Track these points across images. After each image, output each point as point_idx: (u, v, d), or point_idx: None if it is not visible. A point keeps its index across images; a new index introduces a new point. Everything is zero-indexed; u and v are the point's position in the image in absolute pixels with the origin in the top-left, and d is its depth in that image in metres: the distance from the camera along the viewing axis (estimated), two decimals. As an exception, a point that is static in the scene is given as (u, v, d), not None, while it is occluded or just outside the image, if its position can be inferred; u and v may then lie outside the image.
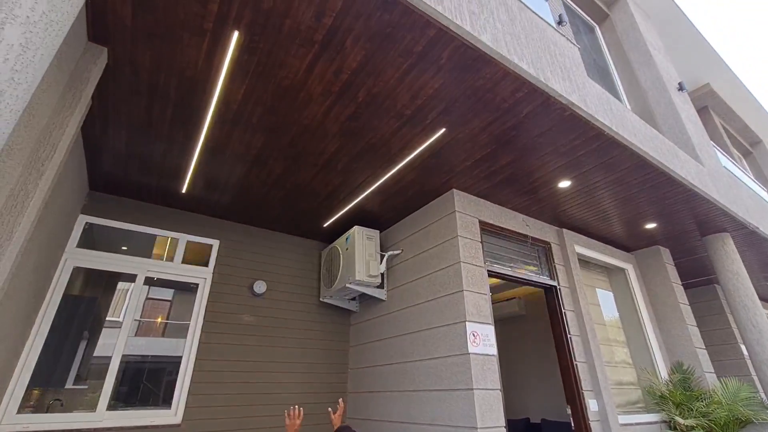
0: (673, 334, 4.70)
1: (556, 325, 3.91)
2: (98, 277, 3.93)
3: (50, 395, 3.20)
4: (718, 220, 4.46)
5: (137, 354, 4.93)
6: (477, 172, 3.38)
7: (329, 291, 4.15)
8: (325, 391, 4.08)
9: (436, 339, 3.28)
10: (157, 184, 3.50)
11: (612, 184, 3.64)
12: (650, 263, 5.11)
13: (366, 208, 3.95)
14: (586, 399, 3.57)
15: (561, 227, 4.45)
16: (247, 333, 3.83)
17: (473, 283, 3.28)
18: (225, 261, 3.97)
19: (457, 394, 2.94)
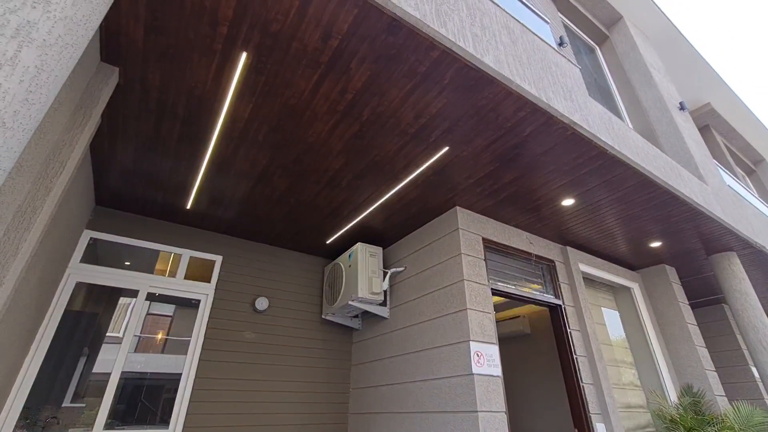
0: (681, 355, 4.60)
1: (561, 345, 3.84)
2: (100, 293, 3.91)
3: (47, 413, 3.15)
4: (723, 239, 4.43)
5: (136, 371, 4.87)
6: (480, 189, 3.39)
7: (331, 308, 4.12)
8: (327, 411, 4.00)
9: (439, 359, 3.23)
10: (163, 200, 3.53)
11: (616, 202, 3.63)
12: (656, 282, 5.05)
13: (369, 224, 3.95)
14: (594, 423, 3.47)
15: (565, 245, 4.43)
16: (248, 350, 3.78)
17: (477, 302, 3.25)
18: (227, 277, 3.96)
19: (462, 417, 2.87)
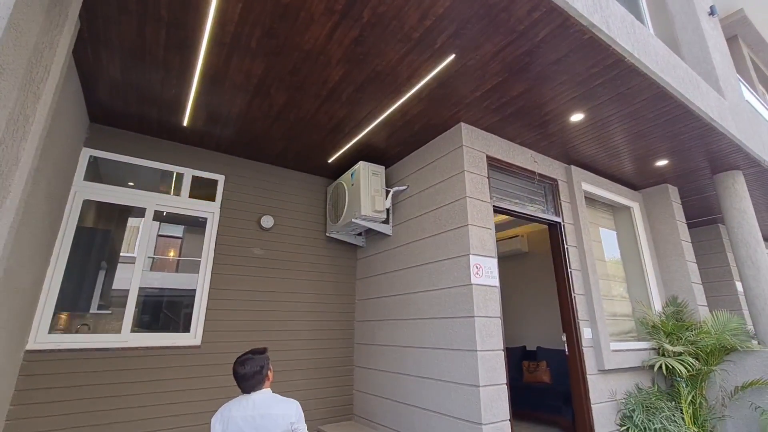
0: (671, 269, 4.81)
1: (558, 260, 4.00)
2: (109, 212, 4.00)
3: (77, 319, 3.42)
4: (731, 157, 4.35)
5: (155, 287, 5.16)
6: (487, 103, 3.25)
7: (335, 226, 4.22)
8: (335, 319, 4.32)
9: (440, 271, 3.39)
10: (158, 116, 3.43)
11: (626, 117, 3.50)
12: (657, 201, 5.09)
13: (371, 143, 3.87)
14: (581, 327, 3.75)
15: (569, 164, 4.37)
16: (258, 265, 3.97)
17: (478, 218, 3.31)
18: (231, 196, 4.00)
19: (460, 321, 3.10)
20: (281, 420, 1.85)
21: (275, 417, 1.86)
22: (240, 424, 1.84)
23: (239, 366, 1.96)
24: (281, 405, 1.91)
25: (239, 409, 1.89)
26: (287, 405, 1.92)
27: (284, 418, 1.86)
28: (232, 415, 1.88)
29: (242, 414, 1.87)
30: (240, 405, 1.91)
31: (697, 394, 4.01)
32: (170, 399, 3.25)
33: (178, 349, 3.38)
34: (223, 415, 1.90)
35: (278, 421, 1.85)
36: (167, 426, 3.20)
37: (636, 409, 3.68)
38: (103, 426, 2.97)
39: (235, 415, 1.87)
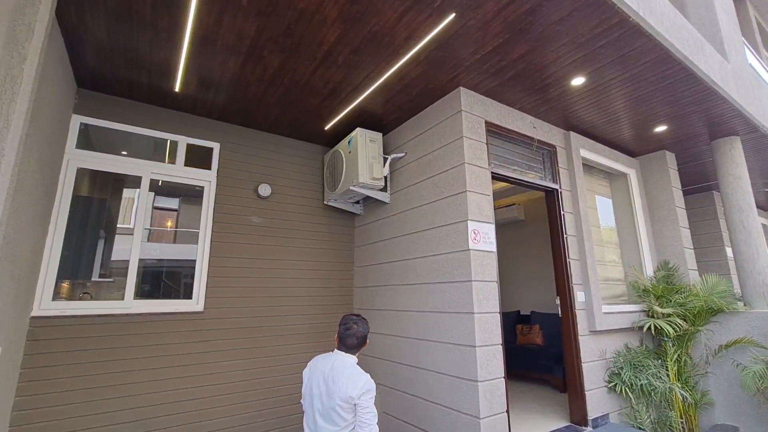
0: (664, 235, 4.89)
1: (554, 226, 4.04)
2: (103, 182, 3.96)
3: (79, 288, 3.46)
4: (731, 123, 4.33)
5: (153, 258, 5.18)
6: (486, 67, 3.17)
7: (333, 194, 4.22)
8: (334, 285, 4.40)
9: (438, 238, 3.42)
10: (148, 81, 3.32)
11: (628, 81, 3.44)
12: (653, 168, 5.10)
13: (369, 108, 3.80)
14: (575, 291, 3.86)
15: (568, 130, 4.34)
16: (257, 233, 3.99)
17: (477, 184, 3.31)
18: (227, 164, 3.96)
19: (457, 285, 3.17)
20: (343, 391, 1.94)
21: (339, 386, 1.96)
22: (318, 377, 2.07)
23: (350, 324, 2.14)
24: (349, 378, 1.97)
25: (322, 364, 2.12)
26: (354, 381, 1.97)
27: (346, 391, 1.93)
28: (317, 366, 2.13)
29: (322, 369, 2.09)
30: (324, 360, 2.14)
31: (682, 353, 4.19)
32: (175, 362, 3.35)
33: (181, 315, 3.45)
34: (313, 363, 2.18)
35: (341, 390, 1.94)
36: (172, 387, 3.31)
37: (624, 367, 3.85)
38: (110, 388, 3.08)
39: (319, 367, 2.12)
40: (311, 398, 2.06)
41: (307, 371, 2.17)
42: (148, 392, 3.21)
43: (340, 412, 1.93)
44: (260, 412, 3.67)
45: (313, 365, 2.17)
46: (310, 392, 2.08)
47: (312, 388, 2.07)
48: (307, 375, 2.16)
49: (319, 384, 2.04)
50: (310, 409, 2.07)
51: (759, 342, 3.96)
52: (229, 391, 3.56)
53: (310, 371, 2.15)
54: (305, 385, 2.15)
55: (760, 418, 3.97)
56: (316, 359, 2.19)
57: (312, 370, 2.14)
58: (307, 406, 2.09)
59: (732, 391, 4.18)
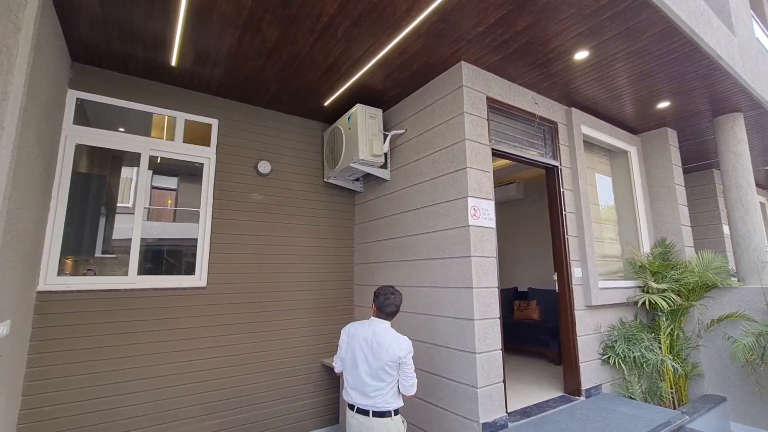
0: (663, 213, 4.93)
1: (553, 202, 4.06)
2: (101, 160, 3.94)
3: (82, 264, 3.50)
4: (734, 99, 4.29)
5: (154, 237, 5.20)
6: (489, 40, 3.11)
7: (333, 172, 4.21)
8: (335, 262, 4.45)
9: (438, 214, 3.44)
10: (144, 55, 3.26)
11: (632, 55, 3.38)
12: (654, 146, 5.08)
13: (369, 84, 3.74)
14: (572, 267, 3.91)
15: (570, 106, 4.30)
16: (257, 211, 4.00)
17: (477, 161, 3.31)
18: (226, 141, 3.93)
19: (457, 261, 3.21)
20: (391, 352, 2.22)
21: (387, 348, 2.23)
22: (361, 343, 2.31)
23: (388, 295, 2.40)
24: (394, 340, 2.27)
25: (362, 330, 2.36)
26: (399, 342, 2.27)
27: (394, 352, 2.22)
28: (356, 333, 2.36)
29: (363, 335, 2.32)
30: (363, 327, 2.38)
31: (675, 327, 4.29)
32: (180, 336, 3.43)
33: (184, 290, 3.51)
34: (350, 330, 2.41)
35: (389, 351, 2.22)
36: (179, 360, 3.40)
37: (618, 340, 3.96)
38: (118, 359, 3.16)
39: (359, 333, 2.34)
40: (355, 361, 2.29)
41: (344, 338, 2.38)
42: (155, 364, 3.30)
43: (388, 371, 2.22)
44: (265, 383, 3.78)
45: (351, 332, 2.38)
46: (352, 356, 2.31)
47: (355, 352, 2.30)
48: (345, 342, 2.37)
49: (362, 348, 2.28)
50: (354, 371, 2.29)
51: (750, 316, 4.06)
52: (234, 363, 3.65)
53: (348, 338, 2.36)
54: (344, 350, 2.37)
55: (746, 389, 4.12)
56: (352, 326, 2.42)
57: (351, 336, 2.35)
58: (350, 368, 2.31)
59: (721, 363, 4.31)
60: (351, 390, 2.30)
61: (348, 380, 2.32)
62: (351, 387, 2.30)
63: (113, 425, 3.08)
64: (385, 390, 2.22)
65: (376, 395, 2.22)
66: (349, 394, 2.31)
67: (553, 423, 3.10)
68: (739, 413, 4.17)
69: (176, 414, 3.33)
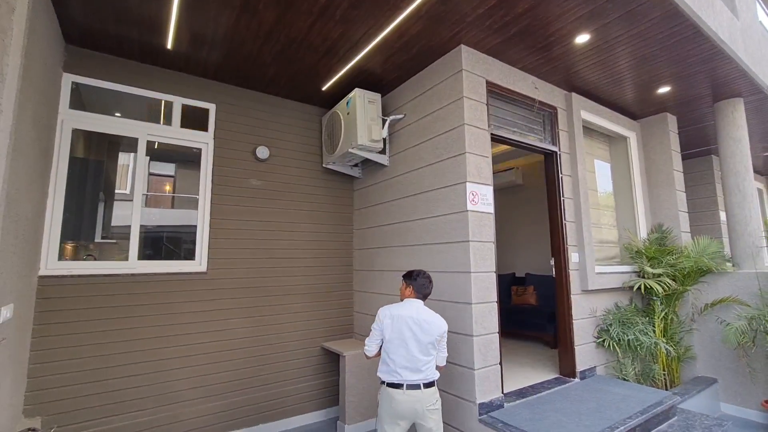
0: (660, 199, 4.95)
1: (552, 188, 4.07)
2: (98, 145, 3.91)
3: (83, 249, 3.51)
4: (735, 84, 4.27)
5: (153, 224, 5.22)
6: (489, 22, 3.07)
7: (332, 157, 4.19)
8: (334, 248, 4.48)
9: (437, 200, 3.45)
10: (139, 37, 3.20)
11: (633, 38, 3.35)
12: (654, 131, 5.07)
13: (367, 68, 3.70)
14: (570, 252, 3.95)
15: (570, 91, 4.27)
16: (257, 196, 4.00)
17: (476, 146, 3.30)
18: (224, 126, 3.90)
19: (455, 246, 3.23)
20: (436, 329, 2.41)
21: (432, 325, 2.41)
22: (408, 322, 2.40)
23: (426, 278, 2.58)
24: (436, 317, 2.45)
25: (405, 311, 2.45)
26: (440, 319, 2.46)
27: (439, 328, 2.42)
28: (400, 314, 2.43)
29: (408, 314, 2.43)
30: (404, 307, 2.48)
31: (669, 311, 4.36)
32: (182, 320, 3.47)
33: (185, 275, 3.53)
34: (392, 312, 2.47)
35: (434, 329, 2.40)
36: (181, 343, 3.45)
37: (613, 324, 4.02)
38: (120, 343, 3.21)
39: (403, 314, 2.43)
40: (404, 341, 2.38)
41: (387, 321, 2.43)
42: (157, 347, 3.34)
43: (435, 345, 2.41)
44: (265, 366, 3.85)
45: (394, 314, 2.45)
46: (400, 336, 2.39)
47: (403, 332, 2.39)
48: (389, 324, 2.42)
49: (410, 327, 2.39)
50: (402, 350, 2.37)
51: (744, 300, 4.12)
52: (235, 346, 3.71)
53: (392, 320, 2.42)
54: (390, 330, 2.42)
55: (737, 371, 4.21)
56: (391, 309, 2.49)
57: (395, 317, 2.42)
58: (398, 348, 2.38)
59: (714, 346, 4.40)
60: (400, 369, 2.35)
61: (395, 360, 2.37)
62: (400, 366, 2.35)
63: (117, 406, 3.14)
64: (431, 363, 2.41)
65: (427, 369, 2.37)
66: (397, 373, 2.35)
67: (547, 403, 3.18)
68: (729, 394, 4.27)
69: (179, 396, 3.40)
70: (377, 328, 2.49)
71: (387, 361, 2.41)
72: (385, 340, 2.44)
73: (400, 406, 2.34)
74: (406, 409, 2.34)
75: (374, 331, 2.50)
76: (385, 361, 2.43)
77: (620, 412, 2.98)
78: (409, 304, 2.49)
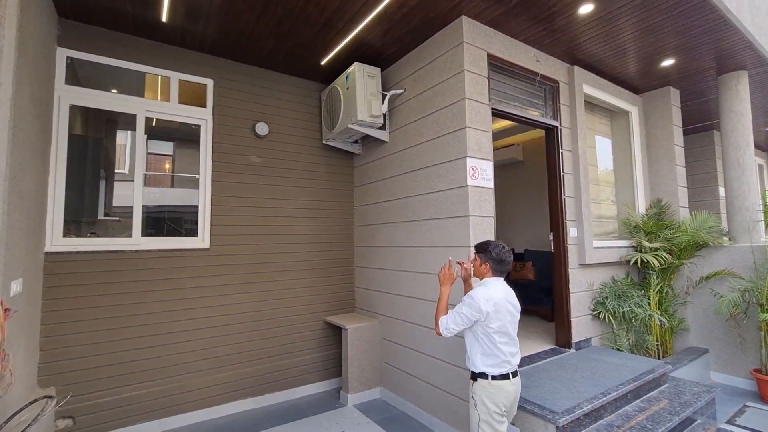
0: (660, 173, 4.95)
1: (551, 163, 4.07)
2: (96, 123, 3.88)
3: (86, 226, 3.55)
4: (739, 56, 4.20)
5: (154, 204, 5.24)
6: (491, -8, 3.00)
7: (331, 133, 4.17)
8: (334, 224, 4.52)
9: (437, 175, 3.46)
10: (133, 10, 3.14)
11: (638, 8, 3.28)
12: (656, 105, 5.02)
13: (367, 41, 3.64)
14: (568, 227, 3.99)
15: (572, 64, 4.20)
16: (257, 173, 4.01)
17: (476, 120, 3.28)
18: (222, 102, 3.86)
19: (455, 221, 3.27)
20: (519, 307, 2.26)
21: (518, 305, 2.24)
22: (509, 308, 2.16)
23: (510, 255, 2.28)
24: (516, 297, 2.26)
25: (502, 292, 2.18)
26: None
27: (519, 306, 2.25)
28: (499, 300, 2.13)
29: (506, 298, 2.17)
30: (498, 289, 2.17)
31: (665, 285, 4.44)
32: (187, 295, 3.55)
33: (188, 251, 3.58)
34: (491, 296, 2.12)
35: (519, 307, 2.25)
36: (186, 317, 3.54)
37: (609, 297, 4.11)
38: (128, 317, 3.29)
39: (501, 296, 2.15)
40: (508, 324, 2.16)
41: (490, 304, 2.10)
42: (165, 321, 3.43)
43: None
44: (270, 339, 3.96)
45: (495, 296, 2.13)
46: (504, 323, 2.14)
47: (507, 320, 2.15)
48: (492, 307, 2.10)
49: (511, 312, 2.17)
50: (507, 337, 2.16)
51: (738, 273, 4.20)
52: (241, 320, 3.80)
53: (495, 303, 2.11)
54: (495, 319, 2.12)
55: (727, 341, 4.33)
56: (489, 293, 2.14)
57: (497, 301, 2.12)
58: (504, 336, 2.14)
59: (706, 318, 4.51)
60: (512, 358, 2.16)
61: (503, 350, 2.13)
62: (509, 354, 2.15)
63: (127, 377, 3.26)
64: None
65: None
66: (508, 363, 2.14)
67: (543, 372, 3.29)
68: (719, 364, 4.41)
69: (188, 367, 3.51)
70: (472, 317, 2.14)
71: (495, 353, 2.13)
72: (489, 331, 2.12)
73: (510, 397, 2.14)
74: (515, 398, 2.18)
75: (466, 318, 2.15)
76: (489, 353, 2.14)
77: (613, 379, 3.09)
78: (500, 286, 2.20)
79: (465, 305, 2.17)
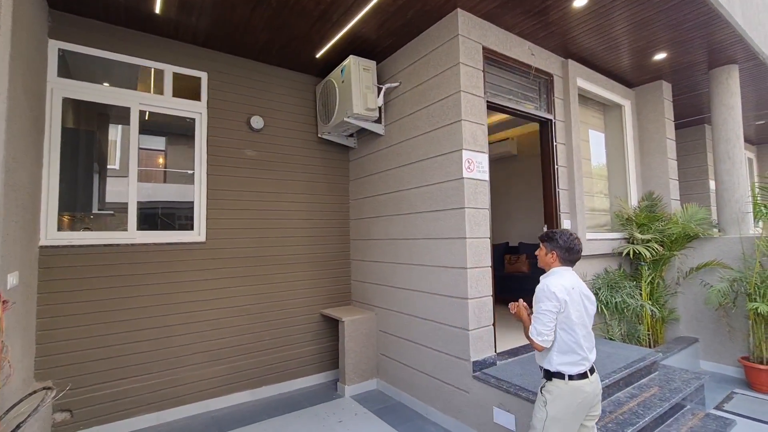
0: (652, 167, 5.02)
1: (545, 156, 4.11)
2: (88, 117, 3.84)
3: (80, 220, 3.53)
4: (730, 50, 4.26)
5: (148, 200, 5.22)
6: (486, -15, 3.01)
7: (327, 127, 4.17)
8: (330, 218, 4.53)
9: (433, 168, 3.48)
10: (126, 2, 3.10)
11: (631, 2, 3.31)
12: (648, 99, 5.07)
13: (362, 34, 3.63)
14: (562, 219, 4.04)
15: (567, 58, 4.23)
16: (252, 167, 4.00)
17: (472, 113, 3.30)
18: (217, 95, 3.84)
19: (450, 213, 3.30)
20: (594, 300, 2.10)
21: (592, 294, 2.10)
22: (582, 299, 2.01)
23: (579, 243, 2.12)
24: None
25: (575, 283, 2.03)
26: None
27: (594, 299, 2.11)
28: (572, 291, 1.98)
29: (579, 290, 2.02)
30: (567, 278, 2.03)
31: (656, 276, 4.52)
32: (184, 288, 3.55)
33: (184, 245, 3.58)
34: (567, 286, 1.98)
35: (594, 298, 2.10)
36: (184, 310, 3.55)
37: (602, 288, 4.17)
38: (124, 310, 3.29)
39: (571, 286, 1.99)
40: (584, 322, 2.00)
41: (563, 295, 1.94)
42: (161, 314, 3.44)
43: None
44: (267, 332, 3.98)
45: (567, 288, 1.97)
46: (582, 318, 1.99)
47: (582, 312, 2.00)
48: (566, 299, 1.94)
49: (584, 304, 2.01)
50: (585, 330, 1.99)
51: (727, 264, 4.29)
52: (237, 313, 3.82)
53: (569, 295, 1.95)
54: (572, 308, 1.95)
55: (716, 331, 4.43)
56: (561, 279, 2.01)
57: (569, 292, 1.97)
58: (582, 328, 1.97)
59: (696, 308, 4.60)
60: (590, 353, 1.97)
61: (582, 345, 1.94)
62: (588, 350, 1.96)
63: (125, 370, 3.26)
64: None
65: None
66: (587, 360, 1.96)
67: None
68: (708, 352, 4.51)
69: (184, 360, 3.52)
70: (554, 309, 1.93)
71: (574, 349, 1.93)
72: (567, 324, 1.94)
73: (588, 398, 1.94)
74: (595, 397, 1.97)
75: (548, 312, 1.93)
76: (567, 350, 1.94)
77: (605, 367, 3.15)
78: (571, 275, 2.05)
79: (540, 302, 1.98)
